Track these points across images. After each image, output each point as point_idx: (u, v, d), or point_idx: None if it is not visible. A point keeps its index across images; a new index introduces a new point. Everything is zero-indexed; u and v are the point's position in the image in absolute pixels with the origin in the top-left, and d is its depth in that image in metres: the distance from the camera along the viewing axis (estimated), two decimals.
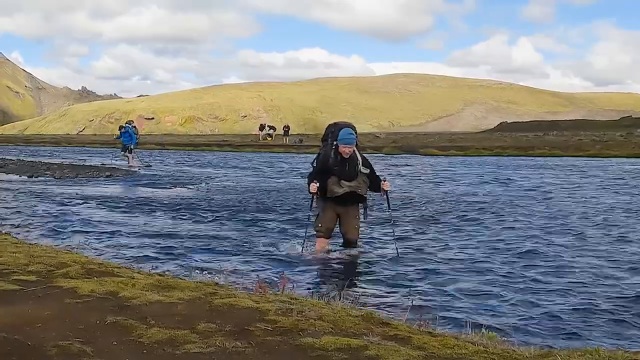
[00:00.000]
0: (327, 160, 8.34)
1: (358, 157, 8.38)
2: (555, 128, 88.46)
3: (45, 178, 22.17)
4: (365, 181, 8.44)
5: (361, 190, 8.42)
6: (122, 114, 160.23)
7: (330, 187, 8.32)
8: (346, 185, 8.28)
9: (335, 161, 8.28)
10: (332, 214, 8.51)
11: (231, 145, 55.43)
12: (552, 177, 22.79)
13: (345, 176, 8.29)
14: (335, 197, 8.37)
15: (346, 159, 8.27)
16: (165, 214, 12.91)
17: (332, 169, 8.29)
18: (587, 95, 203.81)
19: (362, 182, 8.41)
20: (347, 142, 8.20)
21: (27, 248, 6.83)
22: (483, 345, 3.94)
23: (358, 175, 8.34)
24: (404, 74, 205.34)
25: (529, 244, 9.61)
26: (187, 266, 7.66)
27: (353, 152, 8.30)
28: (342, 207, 8.48)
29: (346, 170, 8.29)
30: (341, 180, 8.28)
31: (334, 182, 8.30)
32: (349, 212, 8.54)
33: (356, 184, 8.34)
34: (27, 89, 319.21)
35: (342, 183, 8.27)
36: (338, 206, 8.47)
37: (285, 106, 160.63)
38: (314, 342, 3.74)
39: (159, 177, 23.03)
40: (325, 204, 8.50)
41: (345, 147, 8.19)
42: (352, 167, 8.32)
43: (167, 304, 4.48)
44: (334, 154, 8.31)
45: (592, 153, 38.15)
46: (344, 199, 8.38)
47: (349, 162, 8.30)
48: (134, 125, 30.30)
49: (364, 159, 8.46)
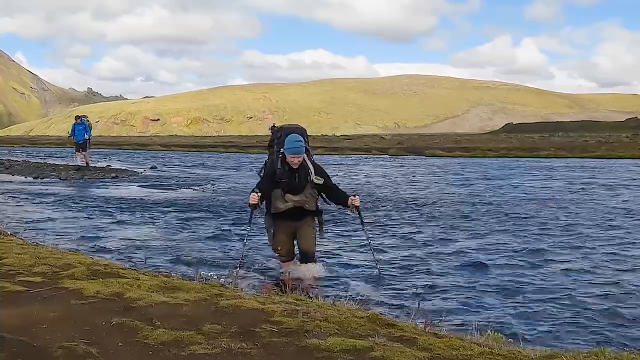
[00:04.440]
0: (275, 171, 7.22)
1: (310, 166, 7.24)
2: (561, 129, 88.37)
3: (51, 180, 22.22)
4: (312, 195, 7.28)
5: (308, 205, 7.28)
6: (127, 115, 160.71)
7: (274, 202, 7.26)
8: (291, 200, 7.19)
9: (283, 173, 7.15)
10: (286, 234, 7.44)
11: (237, 146, 55.49)
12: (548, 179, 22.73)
13: (292, 189, 7.18)
14: (282, 214, 7.29)
15: (296, 169, 7.14)
16: (173, 215, 12.92)
17: (280, 182, 7.17)
18: (593, 96, 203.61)
19: (310, 195, 7.26)
20: (295, 153, 7.08)
21: (32, 249, 6.84)
22: (489, 346, 3.93)
23: (305, 189, 7.20)
24: (409, 76, 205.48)
25: (536, 245, 9.59)
26: (193, 267, 7.65)
27: (304, 161, 7.18)
28: (294, 222, 7.35)
29: (296, 182, 7.17)
30: (286, 194, 7.18)
31: (278, 196, 7.22)
32: (302, 225, 7.38)
33: (302, 198, 7.22)
34: (32, 90, 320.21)
35: (287, 197, 7.18)
36: (290, 222, 7.35)
37: (291, 108, 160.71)
38: (320, 344, 3.73)
39: (164, 179, 23.07)
40: (275, 222, 7.40)
41: (293, 157, 7.08)
42: (302, 178, 7.18)
43: (173, 306, 4.48)
44: (281, 165, 7.18)
45: (598, 154, 38.12)
46: (293, 214, 7.28)
47: (299, 173, 7.16)
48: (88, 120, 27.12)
49: (317, 167, 7.31)
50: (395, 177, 24.84)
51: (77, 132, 25.86)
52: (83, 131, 25.76)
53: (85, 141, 26.06)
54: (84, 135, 25.80)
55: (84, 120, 26.32)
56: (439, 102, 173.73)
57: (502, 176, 24.34)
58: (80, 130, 25.79)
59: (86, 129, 25.81)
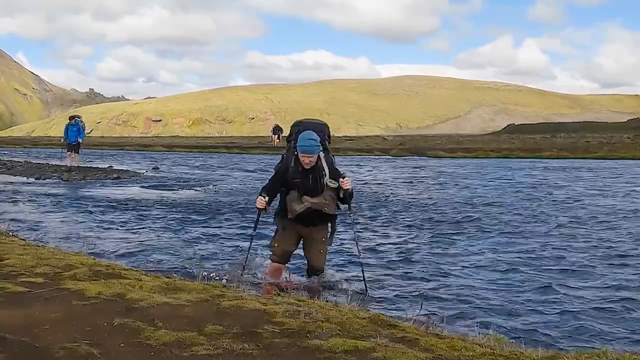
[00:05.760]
0: (287, 170, 6.71)
1: (324, 167, 6.67)
2: (563, 130, 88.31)
3: (52, 180, 22.22)
4: (333, 197, 6.73)
5: (328, 208, 6.71)
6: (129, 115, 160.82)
7: (290, 205, 6.71)
8: (308, 201, 6.62)
9: (295, 172, 6.63)
10: (292, 235, 6.91)
11: (239, 147, 55.45)
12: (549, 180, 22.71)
13: (308, 191, 6.64)
14: (298, 216, 6.73)
15: (309, 169, 6.60)
16: (174, 215, 12.92)
17: (292, 182, 6.67)
18: (595, 97, 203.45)
19: (329, 197, 6.70)
20: (306, 151, 6.51)
21: (34, 250, 6.84)
22: (490, 347, 3.93)
23: (324, 190, 6.65)
24: (411, 76, 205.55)
25: (538, 247, 9.59)
26: (195, 268, 7.66)
27: (318, 162, 6.62)
28: (306, 227, 6.84)
29: (309, 184, 6.62)
30: (303, 195, 6.64)
31: (294, 199, 6.68)
32: (313, 235, 6.87)
33: (321, 200, 6.65)
34: (34, 91, 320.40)
35: (303, 199, 6.63)
36: (301, 226, 6.84)
37: (293, 108, 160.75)
38: (322, 344, 3.73)
39: (166, 180, 23.06)
40: (286, 222, 6.85)
41: (304, 156, 6.52)
42: (316, 179, 6.63)
43: (174, 306, 4.48)
44: (294, 163, 6.65)
45: (600, 155, 38.11)
46: (307, 218, 6.73)
47: (312, 174, 6.61)
48: (82, 120, 26.51)
49: (332, 169, 6.75)
50: (396, 177, 24.82)
51: (70, 133, 25.49)
52: (76, 132, 25.44)
53: (78, 143, 25.75)
54: (76, 136, 25.49)
55: (77, 120, 25.96)
56: (441, 103, 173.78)
57: (502, 177, 24.31)
58: (73, 132, 25.46)
59: (79, 130, 25.50)
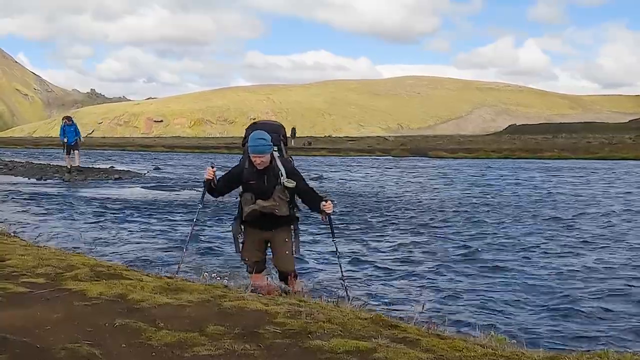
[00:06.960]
0: (241, 171, 6.42)
1: (280, 167, 6.29)
2: (564, 130, 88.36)
3: (53, 181, 22.23)
4: (282, 198, 6.28)
5: (278, 210, 6.28)
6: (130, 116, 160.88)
7: (243, 207, 6.43)
8: (260, 205, 6.26)
9: (250, 174, 6.31)
10: (257, 243, 6.56)
11: (240, 147, 55.42)
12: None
13: (262, 192, 6.28)
14: (252, 221, 6.42)
15: (263, 170, 6.24)
16: (175, 215, 12.93)
17: (247, 184, 6.36)
18: (596, 97, 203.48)
19: (279, 199, 6.26)
20: (256, 151, 6.15)
21: (35, 250, 6.84)
22: (492, 347, 3.93)
23: (274, 192, 6.26)
24: (412, 76, 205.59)
25: (540, 246, 9.58)
26: (196, 268, 7.66)
27: (272, 162, 6.27)
28: (268, 231, 6.48)
29: (264, 185, 6.27)
30: (257, 199, 6.29)
31: (247, 201, 6.37)
32: (275, 238, 6.49)
33: (271, 202, 6.25)
34: (35, 91, 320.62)
35: (257, 202, 6.28)
36: (262, 231, 6.50)
37: (294, 109, 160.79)
38: (323, 345, 3.73)
39: (167, 180, 23.07)
40: (245, 229, 6.60)
41: (255, 156, 6.17)
42: (271, 180, 6.27)
43: (176, 307, 4.48)
44: (248, 165, 6.33)
45: (601, 155, 38.11)
46: (264, 221, 6.38)
47: (267, 175, 6.26)
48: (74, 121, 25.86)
49: (289, 168, 6.37)
50: (396, 177, 24.82)
51: (69, 134, 25.15)
52: (74, 132, 25.16)
53: (76, 142, 25.42)
54: (74, 136, 25.17)
55: (73, 120, 25.68)
56: (442, 103, 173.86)
57: (502, 176, 24.31)
58: (71, 132, 25.15)
59: (76, 130, 25.27)
